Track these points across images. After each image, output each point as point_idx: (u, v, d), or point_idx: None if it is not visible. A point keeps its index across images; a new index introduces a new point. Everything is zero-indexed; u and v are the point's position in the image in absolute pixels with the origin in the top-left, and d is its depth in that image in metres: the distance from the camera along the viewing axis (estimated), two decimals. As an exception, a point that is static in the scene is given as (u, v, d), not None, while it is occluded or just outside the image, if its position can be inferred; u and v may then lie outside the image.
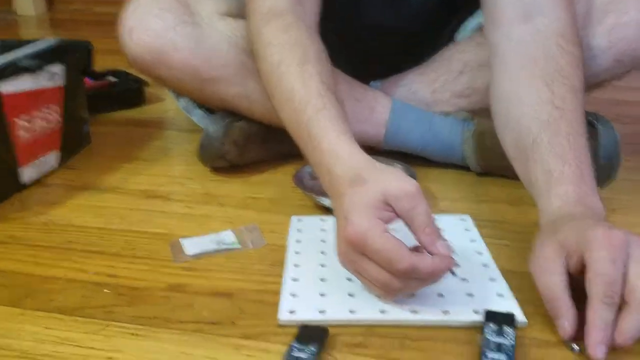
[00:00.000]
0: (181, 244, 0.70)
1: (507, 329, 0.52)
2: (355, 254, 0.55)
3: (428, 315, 0.56)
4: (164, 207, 0.81)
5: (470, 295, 0.58)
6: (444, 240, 0.54)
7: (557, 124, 0.64)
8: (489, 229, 0.72)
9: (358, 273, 0.56)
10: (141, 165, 0.95)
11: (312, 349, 0.50)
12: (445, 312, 0.56)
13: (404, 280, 0.53)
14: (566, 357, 0.51)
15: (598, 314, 0.49)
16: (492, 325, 0.52)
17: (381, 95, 0.89)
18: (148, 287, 0.63)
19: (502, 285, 0.60)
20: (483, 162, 0.86)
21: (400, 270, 0.52)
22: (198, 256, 0.68)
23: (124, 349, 0.53)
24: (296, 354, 0.50)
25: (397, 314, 0.56)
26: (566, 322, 0.51)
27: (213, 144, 0.85)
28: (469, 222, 0.73)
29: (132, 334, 0.55)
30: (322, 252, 0.66)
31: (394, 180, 0.56)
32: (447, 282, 0.59)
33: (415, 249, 0.55)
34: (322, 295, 0.59)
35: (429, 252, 0.54)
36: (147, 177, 0.90)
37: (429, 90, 0.89)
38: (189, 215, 0.79)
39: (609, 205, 0.77)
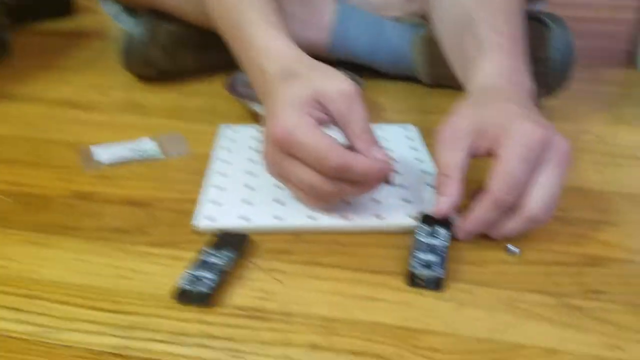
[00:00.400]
0: (93, 151, 0.63)
1: (440, 230, 0.47)
2: (282, 155, 0.48)
3: (359, 220, 0.51)
4: (82, 116, 0.73)
5: (406, 200, 0.54)
6: (382, 147, 0.49)
7: (495, 3, 0.59)
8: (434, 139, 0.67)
9: (285, 178, 0.50)
10: (64, 74, 0.87)
11: (228, 254, 0.45)
12: (378, 217, 0.51)
13: (336, 183, 0.48)
14: (502, 260, 0.47)
15: (483, 211, 0.46)
16: (424, 227, 0.48)
17: (326, -4, 0.82)
18: (53, 195, 0.56)
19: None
20: (432, 71, 0.81)
21: (332, 168, 0.46)
22: (111, 164, 0.61)
23: (17, 256, 0.47)
24: (209, 258, 0.44)
25: (327, 219, 0.51)
26: (445, 202, 0.47)
27: (137, 48, 0.77)
28: (412, 131, 0.68)
29: (28, 242, 0.49)
30: (253, 161, 0.60)
31: (330, 78, 0.50)
32: (382, 189, 0.54)
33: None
34: (246, 202, 0.53)
35: None
36: (69, 87, 0.82)
37: (378, -8, 0.82)
38: (108, 124, 0.71)
39: (560, 114, 0.74)
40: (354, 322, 0.41)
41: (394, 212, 0.52)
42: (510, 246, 0.47)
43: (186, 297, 0.42)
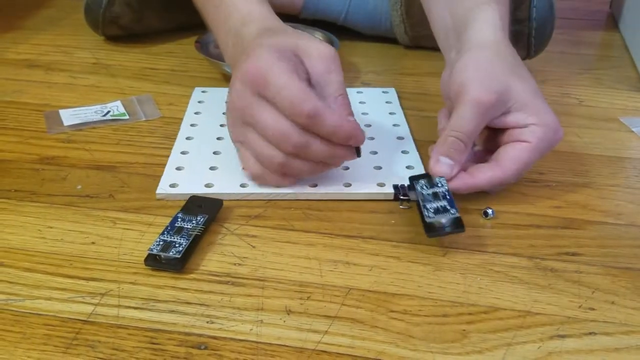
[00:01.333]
0: (59, 114, 0.60)
1: (438, 179, 0.46)
2: (253, 97, 0.45)
3: (328, 187, 0.49)
4: (44, 77, 0.70)
5: (378, 168, 0.52)
6: (354, 117, 0.47)
7: None
8: (412, 101, 0.67)
9: (252, 125, 0.46)
10: (24, 34, 0.83)
11: (200, 219, 0.44)
12: (347, 185, 0.50)
13: (304, 135, 0.45)
14: (478, 223, 0.47)
15: (486, 182, 0.47)
16: (422, 181, 0.47)
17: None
18: (15, 159, 0.54)
19: (413, 157, 0.54)
20: (411, 31, 0.79)
21: (304, 114, 0.43)
22: (77, 127, 0.59)
23: (-22, 225, 0.45)
24: (180, 223, 0.43)
25: (295, 187, 0.49)
26: (454, 168, 0.47)
27: (99, 3, 0.73)
28: (392, 94, 0.67)
29: (-10, 209, 0.47)
30: (222, 125, 0.59)
31: (311, 40, 0.48)
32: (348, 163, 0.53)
33: None
34: (212, 169, 0.51)
35: None
36: (29, 47, 0.79)
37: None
38: (73, 85, 0.68)
39: (540, 77, 0.73)
40: (329, 287, 0.40)
41: (363, 180, 0.50)
42: (487, 209, 0.47)
43: (156, 262, 0.41)
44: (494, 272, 0.42)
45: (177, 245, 0.41)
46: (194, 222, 0.43)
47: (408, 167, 0.53)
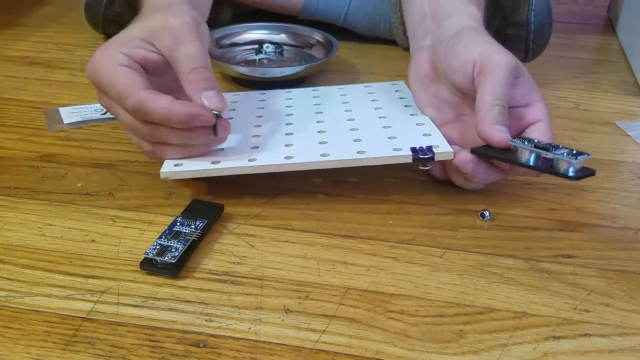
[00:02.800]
0: (58, 112, 0.61)
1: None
2: (103, 95, 0.46)
3: (340, 154, 0.47)
4: (44, 74, 0.70)
5: (392, 137, 0.50)
6: (216, 92, 0.45)
7: None
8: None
9: (117, 120, 0.48)
10: (24, 31, 0.83)
11: (199, 223, 0.44)
12: (361, 152, 0.47)
13: (147, 125, 0.44)
14: (475, 225, 0.47)
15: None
16: (560, 148, 0.44)
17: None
18: (15, 156, 0.54)
19: (430, 127, 0.52)
20: (409, 34, 0.79)
21: (129, 108, 0.43)
22: (77, 125, 0.59)
23: (-22, 222, 0.45)
24: (178, 228, 0.43)
25: (306, 157, 0.47)
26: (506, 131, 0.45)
27: (100, 2, 0.74)
28: (401, 85, 0.65)
29: (-10, 206, 0.47)
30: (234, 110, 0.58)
31: (168, 15, 0.46)
32: (366, 129, 0.52)
33: None
34: (220, 150, 0.49)
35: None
36: (29, 44, 0.79)
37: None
38: (72, 83, 0.69)
39: (537, 80, 0.73)
40: (327, 286, 0.41)
41: (377, 147, 0.48)
42: (484, 211, 0.47)
43: (152, 266, 0.40)
44: (491, 274, 0.42)
45: (173, 250, 0.41)
46: (192, 226, 0.43)
47: (425, 135, 0.50)
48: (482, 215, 0.47)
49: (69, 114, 0.60)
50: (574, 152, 0.43)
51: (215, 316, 0.38)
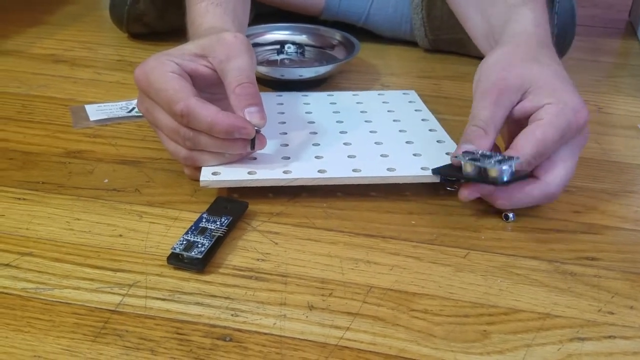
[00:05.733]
0: (85, 110, 0.62)
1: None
2: (144, 97, 0.48)
3: (371, 172, 0.49)
4: (70, 72, 0.72)
5: (416, 155, 0.52)
6: (259, 108, 0.46)
7: None
8: (430, 103, 0.67)
9: (153, 123, 0.49)
10: (49, 29, 0.84)
11: (224, 220, 0.44)
12: (391, 170, 0.50)
13: (191, 130, 0.46)
14: (498, 226, 0.47)
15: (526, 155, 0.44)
16: (493, 156, 0.44)
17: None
18: (43, 152, 0.55)
19: (449, 145, 0.54)
20: (431, 35, 0.80)
21: (177, 112, 0.45)
22: (103, 122, 0.60)
23: (9, 214, 0.46)
24: (204, 224, 0.44)
25: (337, 172, 0.49)
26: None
27: (125, 1, 0.75)
28: (413, 95, 0.67)
29: (19, 199, 0.48)
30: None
31: (219, 32, 0.49)
32: (390, 144, 0.54)
33: None
34: (251, 157, 0.51)
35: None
36: (54, 42, 0.80)
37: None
38: (97, 81, 0.70)
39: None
40: (350, 284, 0.41)
41: (405, 164, 0.50)
42: (507, 213, 0.47)
43: (179, 261, 0.41)
44: (515, 275, 0.42)
45: (199, 245, 0.42)
46: (217, 223, 0.44)
47: (448, 154, 0.51)
48: (506, 217, 0.48)
49: (94, 112, 0.61)
50: (503, 158, 0.43)
51: (240, 311, 0.38)
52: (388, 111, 0.62)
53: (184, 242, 0.42)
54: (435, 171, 0.48)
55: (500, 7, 0.56)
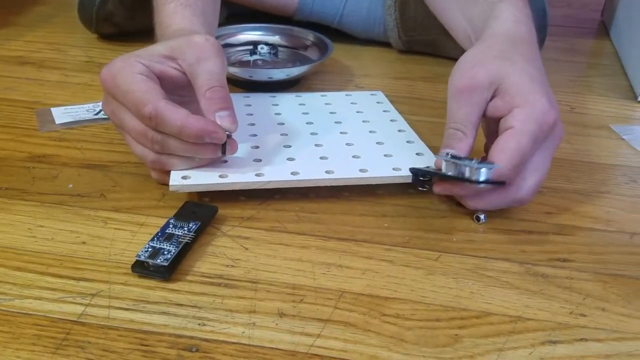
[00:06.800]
0: (51, 112, 0.60)
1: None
2: (110, 98, 0.47)
3: (343, 173, 0.49)
4: (36, 74, 0.70)
5: (388, 155, 0.52)
6: (230, 112, 0.46)
7: None
8: (405, 104, 0.67)
9: (119, 125, 0.48)
10: (18, 30, 0.83)
11: (192, 225, 0.43)
12: (363, 171, 0.49)
13: (159, 134, 0.44)
14: (470, 228, 0.47)
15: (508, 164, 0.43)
16: (469, 162, 0.43)
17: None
18: (6, 157, 0.53)
19: (420, 146, 0.54)
20: (405, 36, 0.79)
21: (145, 115, 0.43)
22: (69, 125, 0.58)
23: (-32, 223, 0.45)
24: (171, 230, 0.43)
25: (310, 174, 0.48)
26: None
27: (94, 1, 0.73)
28: (380, 96, 0.67)
29: (-21, 207, 0.46)
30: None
31: (189, 34, 0.49)
32: (361, 145, 0.54)
33: None
34: (224, 161, 0.50)
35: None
36: (22, 43, 0.78)
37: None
38: (65, 83, 0.68)
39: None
40: (321, 289, 0.40)
41: (377, 165, 0.50)
42: (479, 214, 0.47)
43: (144, 268, 0.40)
44: (486, 277, 0.42)
45: (165, 252, 0.40)
46: (185, 229, 0.43)
47: (418, 154, 0.52)
48: (477, 218, 0.47)
49: (61, 114, 0.60)
50: (482, 162, 0.43)
51: (208, 320, 0.37)
52: (357, 112, 0.62)
53: (149, 249, 0.40)
54: (413, 170, 0.48)
55: (481, 6, 0.55)
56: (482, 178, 0.43)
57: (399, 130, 0.58)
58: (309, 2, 0.81)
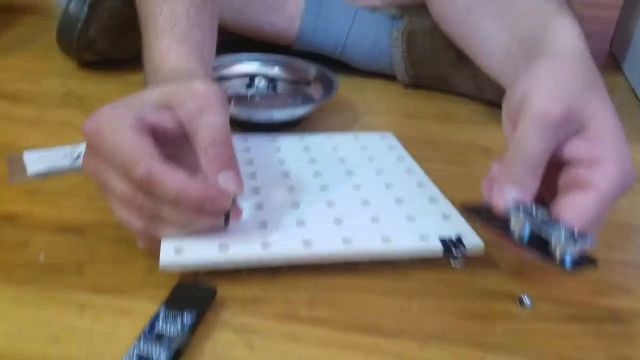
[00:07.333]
0: (22, 159, 0.52)
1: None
2: (93, 154, 0.40)
3: (363, 244, 0.42)
4: (8, 109, 0.62)
5: (410, 219, 0.45)
6: (235, 172, 0.39)
7: None
8: (418, 149, 0.60)
9: (104, 189, 0.41)
10: (-13, 56, 0.75)
11: (187, 318, 0.36)
12: (386, 240, 0.43)
13: (152, 200, 0.38)
14: (512, 314, 0.40)
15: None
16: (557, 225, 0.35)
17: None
18: (-33, 217, 0.46)
19: (444, 205, 0.48)
20: (412, 70, 0.73)
21: (136, 178, 0.37)
22: (44, 175, 0.51)
23: None
24: (161, 327, 0.35)
25: (324, 245, 0.42)
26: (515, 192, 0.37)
27: (74, 25, 0.66)
28: (391, 138, 0.60)
29: None
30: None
31: (192, 80, 0.42)
32: (378, 204, 0.47)
33: None
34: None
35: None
36: (-8, 72, 0.70)
37: (354, -20, 0.74)
38: (41, 120, 0.60)
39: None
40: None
41: (400, 232, 0.43)
42: (523, 297, 0.41)
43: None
44: (539, 382, 0.36)
45: (155, 360, 0.33)
46: (178, 325, 0.35)
47: (445, 218, 0.46)
48: (521, 302, 0.41)
49: (34, 162, 0.52)
50: (572, 234, 0.35)
51: None
52: (368, 159, 0.55)
53: (135, 357, 0.33)
54: (445, 244, 0.42)
55: (532, 17, 0.48)
56: (571, 265, 0.35)
57: (419, 185, 0.51)
58: (309, 31, 0.74)
